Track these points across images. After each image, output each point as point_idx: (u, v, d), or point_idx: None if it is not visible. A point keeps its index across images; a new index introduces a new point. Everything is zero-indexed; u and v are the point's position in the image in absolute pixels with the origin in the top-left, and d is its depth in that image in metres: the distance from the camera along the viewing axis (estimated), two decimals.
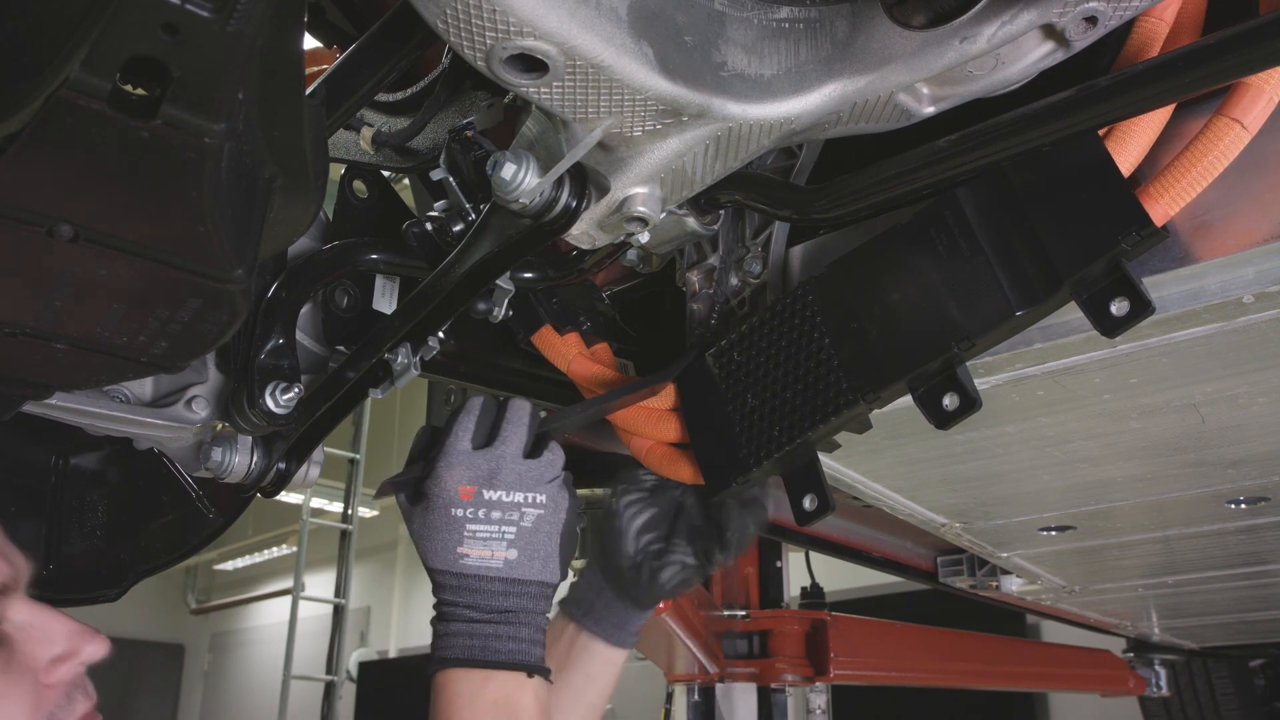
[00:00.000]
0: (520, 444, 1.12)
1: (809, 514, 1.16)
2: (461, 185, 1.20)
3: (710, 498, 1.23)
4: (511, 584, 1.08)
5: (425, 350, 1.25)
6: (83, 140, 0.66)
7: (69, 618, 0.92)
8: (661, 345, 1.60)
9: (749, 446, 1.18)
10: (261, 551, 13.97)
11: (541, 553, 1.10)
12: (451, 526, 1.08)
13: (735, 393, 1.20)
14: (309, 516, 8.96)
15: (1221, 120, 0.93)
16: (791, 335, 1.17)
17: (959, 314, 1.03)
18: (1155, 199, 0.95)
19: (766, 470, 1.18)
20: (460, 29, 0.74)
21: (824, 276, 1.16)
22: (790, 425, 1.14)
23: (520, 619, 1.08)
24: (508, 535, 1.08)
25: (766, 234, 1.33)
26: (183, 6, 0.59)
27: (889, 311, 1.09)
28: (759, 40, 0.90)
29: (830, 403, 1.11)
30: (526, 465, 1.11)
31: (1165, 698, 4.18)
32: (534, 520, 1.09)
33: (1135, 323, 0.95)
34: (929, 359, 1.04)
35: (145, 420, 1.22)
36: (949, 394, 1.05)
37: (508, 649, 1.06)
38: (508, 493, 1.08)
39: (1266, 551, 2.11)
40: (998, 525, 1.94)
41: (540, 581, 1.10)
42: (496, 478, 1.09)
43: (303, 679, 8.60)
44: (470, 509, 1.08)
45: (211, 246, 0.79)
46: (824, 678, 2.89)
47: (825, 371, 1.12)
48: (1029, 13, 0.87)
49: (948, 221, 1.06)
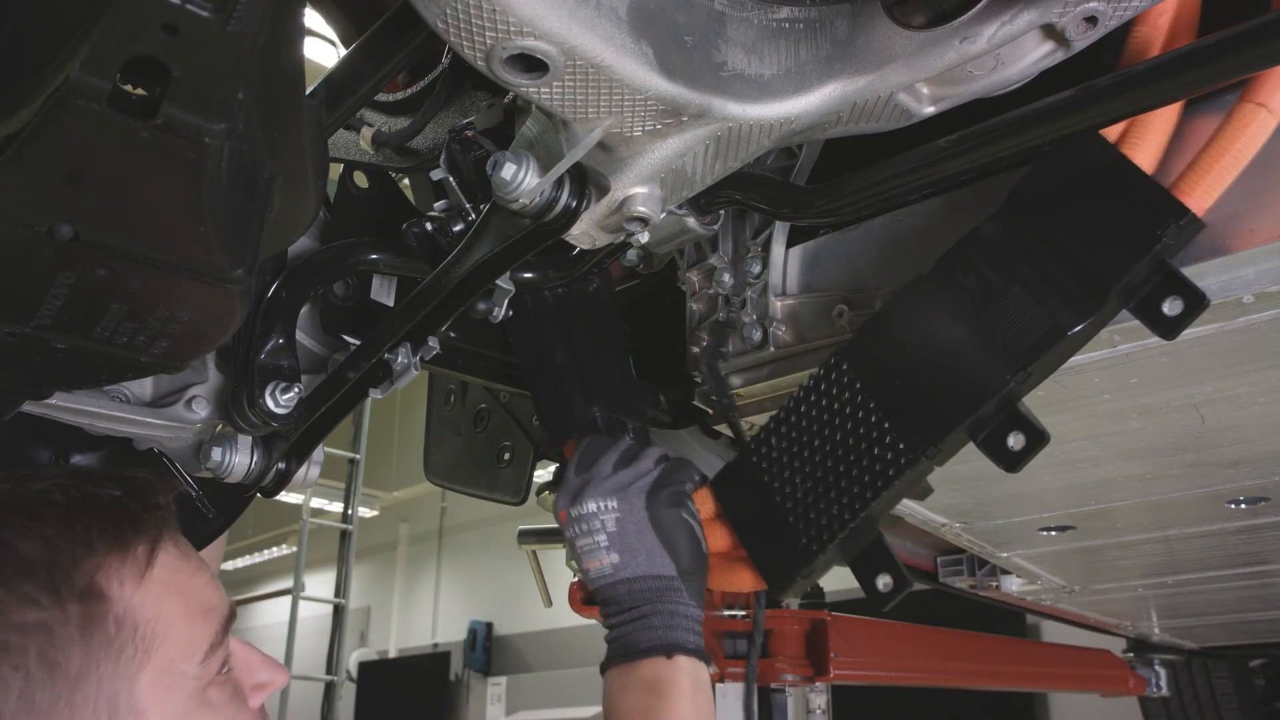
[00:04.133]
0: (607, 464, 1.22)
1: (885, 595, 1.07)
2: (461, 185, 1.20)
3: (778, 595, 1.20)
4: (629, 583, 1.16)
5: (425, 350, 1.25)
6: (83, 140, 0.66)
7: (259, 650, 1.02)
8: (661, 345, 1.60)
9: (808, 533, 1.10)
10: (261, 551, 13.97)
11: (642, 550, 1.16)
12: (570, 547, 1.21)
13: (782, 480, 1.14)
14: (309, 516, 8.95)
15: (1247, 106, 0.92)
16: (833, 408, 1.11)
17: (1007, 348, 0.99)
18: (1189, 191, 0.94)
19: (831, 555, 1.10)
20: (460, 29, 0.74)
21: (854, 343, 1.12)
22: (851, 500, 1.07)
23: (651, 611, 1.15)
24: (601, 543, 1.17)
25: (766, 234, 1.33)
26: (183, 6, 0.59)
27: (932, 362, 1.05)
28: (759, 40, 0.90)
29: (889, 467, 1.05)
30: (605, 481, 1.20)
31: (1165, 698, 4.17)
32: (616, 523, 1.17)
33: (1192, 319, 0.92)
34: (985, 400, 1.00)
35: (145, 420, 1.21)
36: (1013, 433, 1.00)
37: (645, 639, 1.14)
38: (585, 505, 1.18)
39: (1266, 551, 2.11)
40: (998, 525, 1.94)
41: (655, 575, 1.16)
42: (579, 496, 1.19)
43: (303, 679, 8.59)
44: (569, 528, 1.20)
45: (211, 246, 0.79)
46: (824, 678, 2.88)
47: (877, 437, 1.06)
48: (1029, 13, 0.86)
49: (973, 260, 1.03)
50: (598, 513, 1.17)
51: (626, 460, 1.22)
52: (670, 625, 1.15)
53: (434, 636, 12.84)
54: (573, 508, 1.19)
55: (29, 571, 0.81)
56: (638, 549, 1.16)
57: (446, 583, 13.01)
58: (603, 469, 1.21)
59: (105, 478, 0.91)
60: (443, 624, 12.78)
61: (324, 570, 10.16)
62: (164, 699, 0.85)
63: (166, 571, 0.89)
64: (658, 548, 1.16)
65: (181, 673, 0.87)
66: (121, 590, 0.85)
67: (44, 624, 0.80)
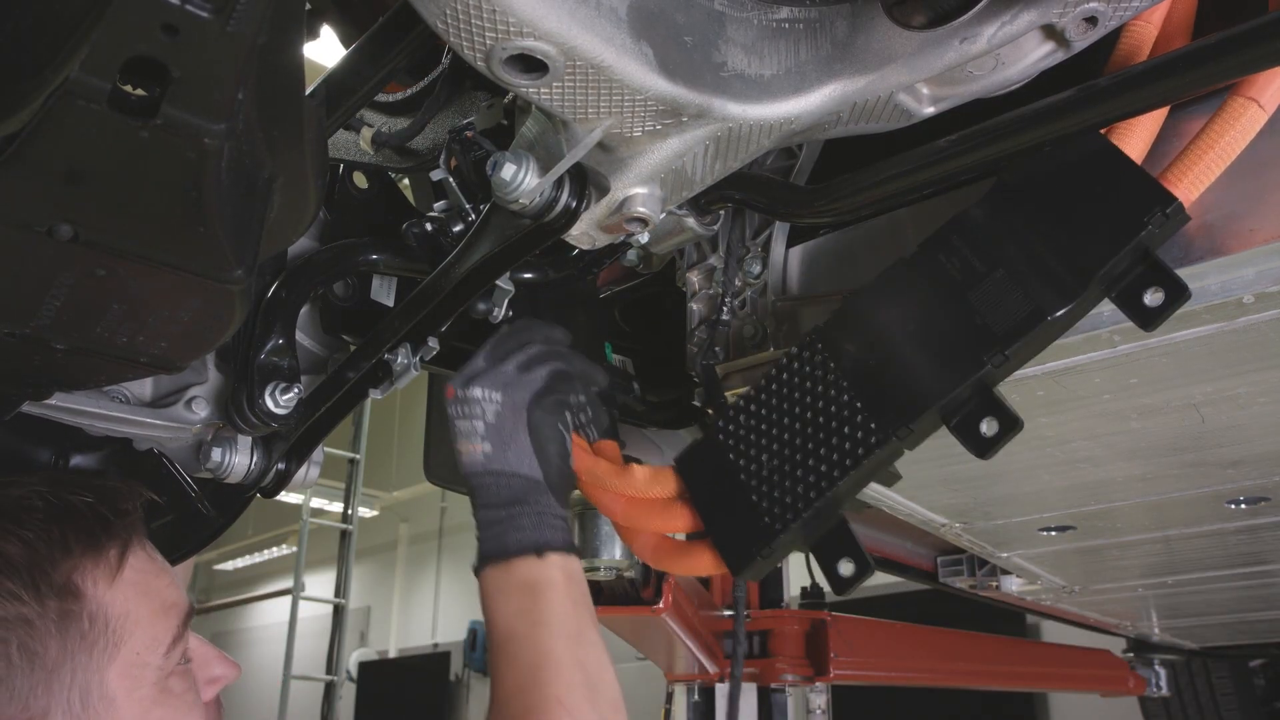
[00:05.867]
0: (511, 364, 1.20)
1: (847, 580, 1.05)
2: (461, 185, 1.20)
3: (737, 575, 1.16)
4: (496, 476, 1.16)
5: (425, 350, 1.25)
6: (83, 140, 0.66)
7: (214, 647, 1.11)
8: (661, 345, 1.60)
9: (771, 511, 1.08)
10: (261, 551, 13.98)
11: (514, 446, 1.17)
12: (451, 425, 1.20)
13: (749, 457, 1.12)
14: (309, 516, 8.96)
15: (1238, 100, 0.92)
16: (804, 386, 1.09)
17: (986, 331, 0.98)
18: (1176, 181, 0.93)
19: (793, 534, 1.08)
20: (460, 29, 0.74)
21: (831, 322, 1.10)
22: (817, 479, 1.05)
23: (519, 511, 1.15)
24: (478, 429, 1.17)
25: (766, 234, 1.33)
26: (183, 7, 0.59)
27: (909, 343, 1.03)
28: (759, 40, 0.90)
29: (857, 447, 1.03)
30: (501, 371, 1.19)
31: (1165, 698, 4.17)
32: (495, 414, 1.17)
33: (1173, 310, 0.91)
34: (960, 382, 0.98)
35: (145, 420, 1.21)
36: (986, 418, 0.98)
37: (515, 539, 1.14)
38: (472, 390, 1.18)
39: (1266, 551, 2.12)
40: (998, 525, 1.94)
41: (522, 475, 1.16)
42: (471, 381, 1.19)
43: (303, 679, 8.59)
44: (452, 406, 1.19)
45: (211, 246, 0.79)
46: (824, 678, 2.88)
47: (848, 416, 1.05)
48: (1029, 13, 0.86)
49: (955, 244, 1.03)
50: (480, 399, 1.18)
51: (528, 365, 1.22)
52: (538, 525, 1.15)
53: (434, 636, 12.84)
54: (460, 388, 1.19)
55: (11, 570, 0.90)
56: (509, 444, 1.17)
57: (446, 583, 13.02)
58: (505, 366, 1.21)
59: (79, 485, 1.00)
60: (443, 624, 12.78)
61: (324, 570, 10.17)
62: (131, 687, 0.95)
63: (135, 573, 0.99)
64: (528, 449, 1.17)
65: (146, 664, 0.97)
66: (95, 589, 0.95)
67: (25, 618, 0.89)
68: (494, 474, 1.17)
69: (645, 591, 2.35)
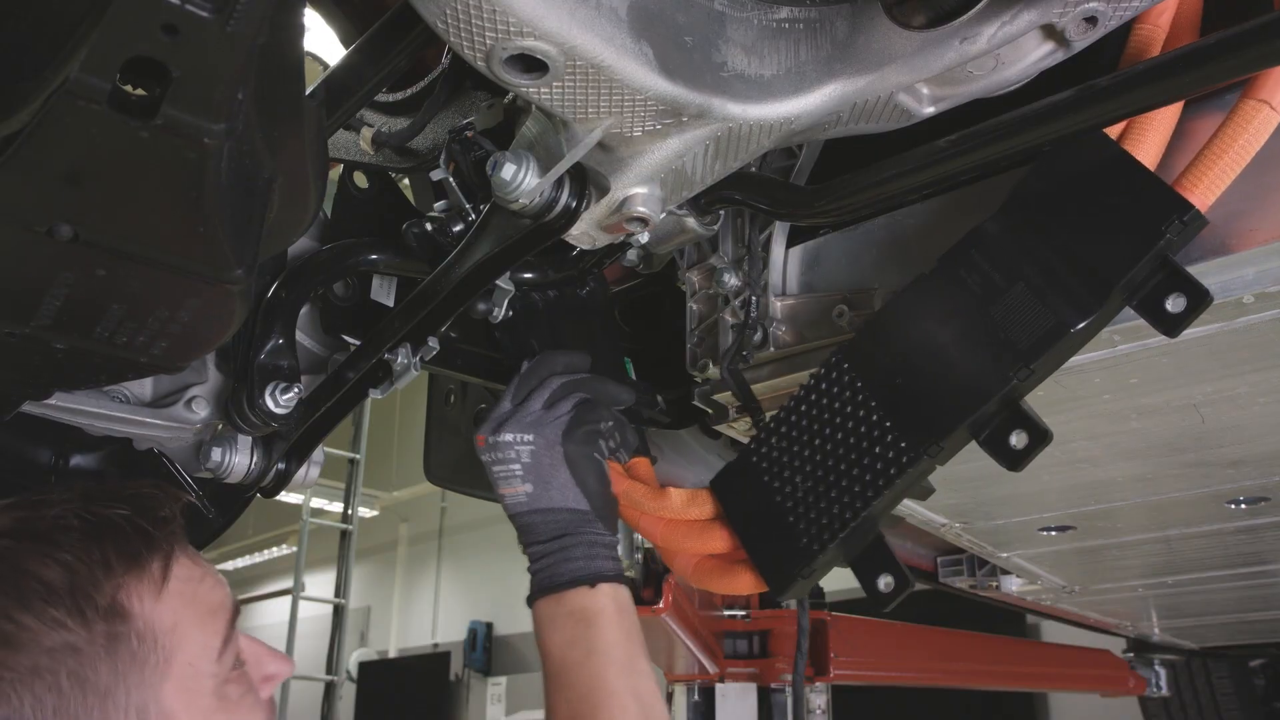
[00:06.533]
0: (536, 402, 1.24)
1: (887, 595, 1.06)
2: (461, 185, 1.20)
3: (778, 596, 1.15)
4: (544, 514, 1.20)
5: (425, 350, 1.25)
6: (83, 140, 0.66)
7: (263, 643, 1.07)
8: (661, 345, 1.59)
9: (809, 533, 1.09)
10: (261, 551, 13.96)
11: (555, 483, 1.20)
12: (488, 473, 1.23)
13: (782, 480, 1.13)
14: (309, 516, 8.95)
15: (1250, 103, 0.92)
16: (834, 407, 1.11)
17: (1009, 346, 0.99)
18: (1192, 188, 0.94)
19: (832, 554, 1.09)
20: (460, 29, 0.74)
21: (856, 342, 1.12)
22: (852, 500, 1.06)
23: (570, 543, 1.19)
24: (516, 471, 1.20)
25: (766, 234, 1.33)
26: (183, 7, 0.59)
27: (933, 361, 1.04)
28: (759, 40, 0.90)
29: (890, 466, 1.04)
30: (528, 411, 1.23)
31: (1165, 698, 4.18)
32: (530, 455, 1.20)
33: (1195, 315, 0.91)
34: (987, 398, 0.99)
35: (145, 420, 1.21)
36: (1016, 431, 0.99)
37: (568, 570, 1.18)
38: (502, 435, 1.21)
39: (1266, 551, 2.12)
40: (998, 525, 1.94)
41: (569, 509, 1.20)
42: (500, 427, 1.22)
43: (303, 679, 8.59)
44: (485, 453, 1.23)
45: (211, 247, 0.79)
46: (824, 678, 2.88)
47: (879, 436, 1.06)
48: (1029, 13, 0.86)
49: (975, 259, 1.03)
50: (513, 443, 1.21)
51: (553, 401, 1.25)
52: (590, 555, 1.19)
53: (434, 636, 12.84)
54: (491, 435, 1.22)
55: (53, 597, 0.86)
56: (550, 482, 1.20)
57: (446, 583, 13.02)
58: (531, 405, 1.23)
59: (114, 497, 0.95)
60: (443, 624, 12.79)
61: (324, 570, 10.16)
62: (190, 701, 0.91)
63: (180, 583, 0.95)
64: (570, 484, 1.20)
65: (201, 673, 0.93)
66: (141, 606, 0.91)
67: (72, 645, 0.85)
68: (540, 512, 1.20)
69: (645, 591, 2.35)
